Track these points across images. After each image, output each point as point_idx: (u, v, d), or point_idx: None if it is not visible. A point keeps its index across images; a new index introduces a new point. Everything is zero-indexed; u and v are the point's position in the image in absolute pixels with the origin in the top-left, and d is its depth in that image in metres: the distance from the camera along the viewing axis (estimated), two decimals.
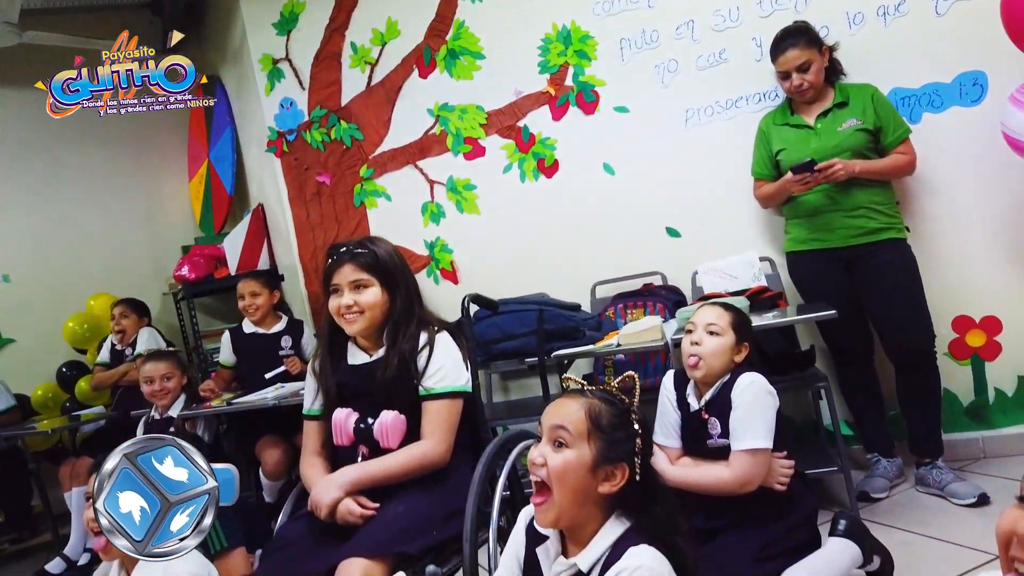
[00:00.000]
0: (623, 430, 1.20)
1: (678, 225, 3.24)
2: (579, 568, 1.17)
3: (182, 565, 1.72)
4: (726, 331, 2.13)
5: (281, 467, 3.12)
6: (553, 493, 1.17)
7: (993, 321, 2.83)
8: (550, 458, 1.18)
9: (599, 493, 1.18)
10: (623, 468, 1.19)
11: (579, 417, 1.20)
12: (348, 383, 1.84)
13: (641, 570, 1.10)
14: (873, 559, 2.04)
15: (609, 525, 1.19)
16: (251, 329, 3.39)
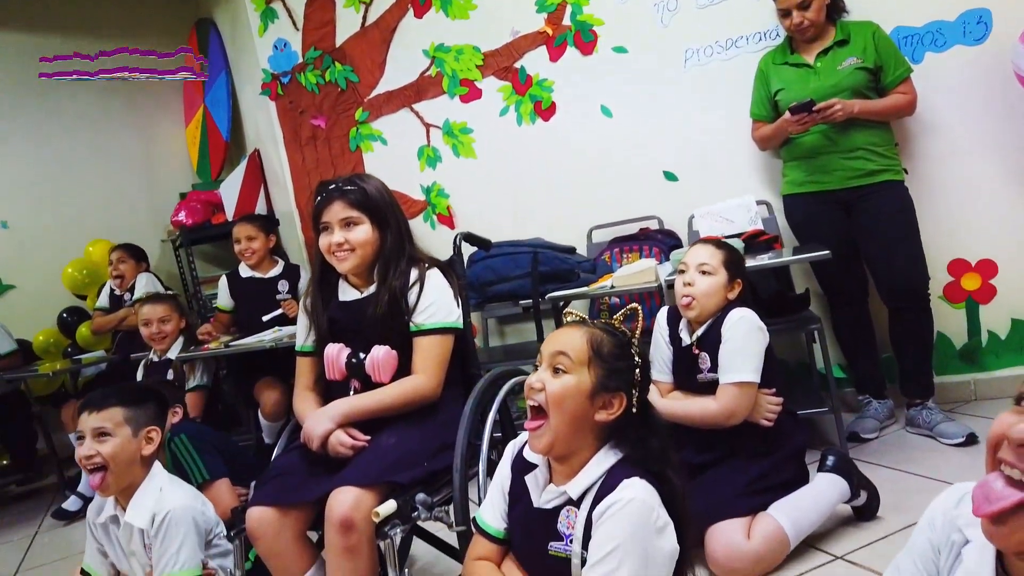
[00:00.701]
0: (624, 360, 1.20)
1: (675, 168, 3.22)
2: (569, 496, 1.17)
3: (174, 496, 1.77)
4: (718, 270, 2.13)
5: (280, 408, 3.16)
6: (550, 418, 1.16)
7: (989, 264, 2.83)
8: (549, 383, 1.18)
9: (595, 421, 1.18)
10: (620, 397, 1.19)
11: (581, 344, 1.19)
12: (339, 319, 1.84)
13: (634, 502, 1.10)
14: (860, 494, 2.08)
15: (602, 454, 1.19)
16: (248, 273, 3.40)
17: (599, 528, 1.11)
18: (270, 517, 1.60)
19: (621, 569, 1.06)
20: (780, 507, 1.98)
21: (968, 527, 0.84)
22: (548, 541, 1.17)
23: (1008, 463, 0.75)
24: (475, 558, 1.28)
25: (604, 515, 1.10)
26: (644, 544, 1.07)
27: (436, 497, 1.64)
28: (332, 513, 1.51)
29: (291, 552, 1.63)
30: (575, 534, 1.14)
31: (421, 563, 2.37)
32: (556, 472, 1.22)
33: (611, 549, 1.07)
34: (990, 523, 0.75)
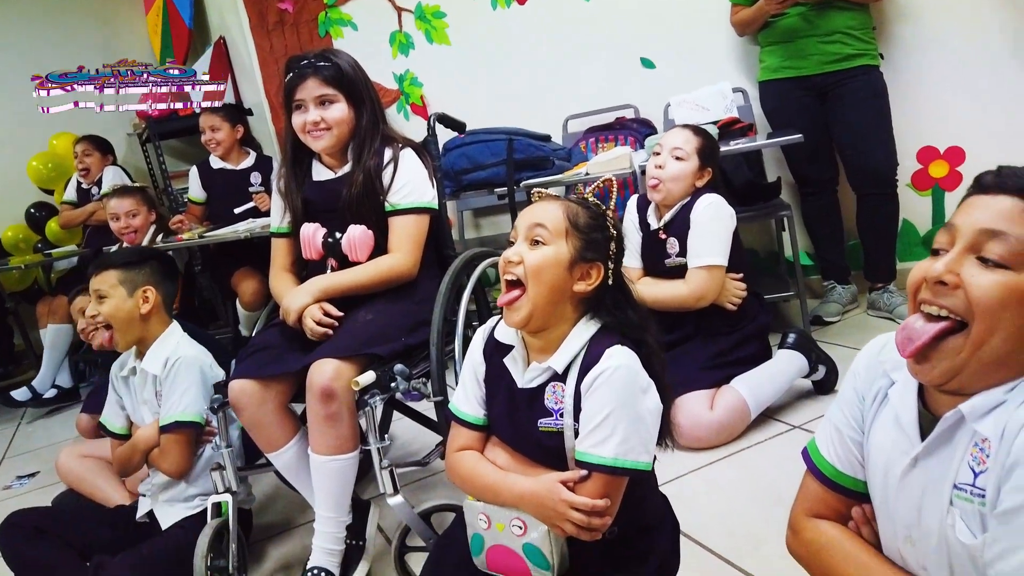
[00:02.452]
0: (600, 231, 1.19)
1: (652, 55, 3.17)
2: (554, 370, 1.18)
3: (188, 348, 1.87)
4: (690, 156, 2.15)
5: (258, 297, 3.18)
6: (528, 290, 1.16)
7: (957, 151, 2.87)
8: (527, 255, 1.16)
9: (573, 292, 1.18)
10: (598, 267, 1.18)
11: (558, 216, 1.18)
12: (314, 199, 1.84)
13: (620, 369, 1.11)
14: (819, 369, 2.18)
15: (581, 325, 1.20)
16: (219, 164, 3.35)
17: (589, 398, 1.13)
18: (252, 389, 1.65)
19: (615, 434, 1.10)
20: (742, 380, 2.08)
21: (893, 371, 0.89)
22: (537, 418, 1.18)
23: (926, 301, 0.80)
24: (456, 449, 1.28)
25: (592, 385, 1.12)
26: (633, 407, 1.11)
27: (414, 371, 1.69)
28: (313, 383, 1.56)
29: (274, 423, 1.68)
30: (565, 407, 1.16)
31: (401, 440, 2.47)
32: (534, 349, 1.23)
33: (604, 416, 1.10)
34: (914, 361, 0.81)
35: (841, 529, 0.94)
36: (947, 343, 0.77)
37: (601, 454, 1.10)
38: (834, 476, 0.96)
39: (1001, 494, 0.71)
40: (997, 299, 0.74)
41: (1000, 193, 0.76)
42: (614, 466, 1.10)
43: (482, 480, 1.23)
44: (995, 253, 0.75)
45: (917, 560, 0.84)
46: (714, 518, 1.70)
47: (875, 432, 0.91)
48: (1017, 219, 0.74)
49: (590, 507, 1.10)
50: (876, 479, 0.90)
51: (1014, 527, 0.69)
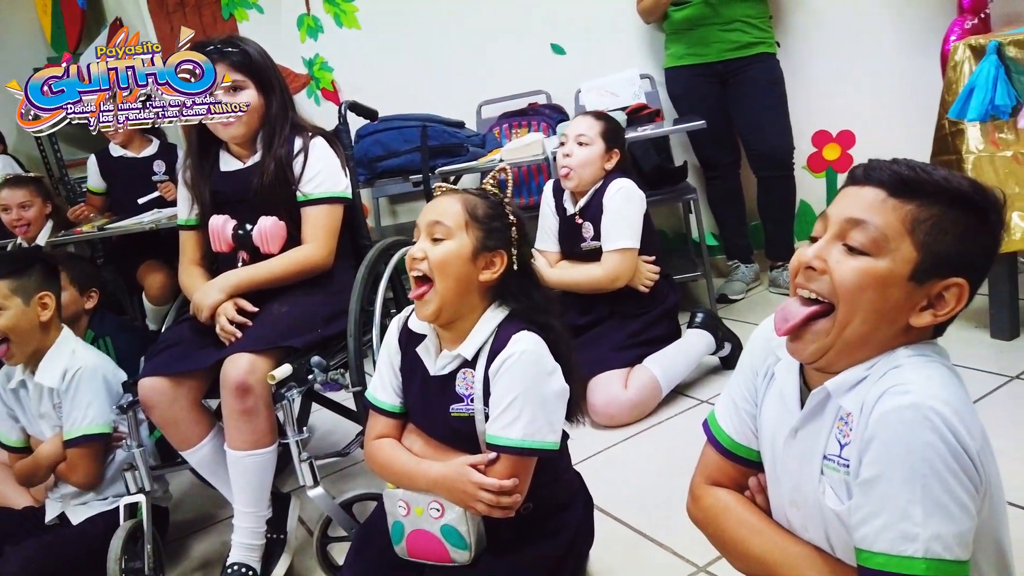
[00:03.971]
0: (499, 220, 1.23)
1: (563, 41, 3.22)
2: (464, 357, 1.22)
3: (87, 355, 1.80)
4: (595, 140, 2.20)
5: (165, 291, 3.07)
6: (435, 284, 1.19)
7: (848, 135, 3.04)
8: (430, 251, 1.19)
9: (479, 282, 1.21)
10: (501, 255, 1.22)
11: (456, 210, 1.21)
12: (222, 190, 1.80)
13: (527, 354, 1.16)
14: (725, 345, 2.29)
15: (490, 313, 1.24)
16: (119, 152, 3.20)
17: (497, 382, 1.18)
18: (163, 386, 1.61)
19: (522, 416, 1.15)
20: (653, 360, 2.16)
21: (780, 348, 0.95)
22: (449, 404, 1.23)
23: (800, 285, 0.87)
24: (375, 437, 1.32)
25: (500, 370, 1.17)
26: (539, 389, 1.17)
27: (332, 362, 1.69)
28: (227, 378, 1.54)
29: (187, 420, 1.65)
30: (475, 392, 1.21)
31: (320, 431, 2.46)
32: (445, 339, 1.26)
33: (511, 400, 1.16)
34: (789, 341, 0.88)
35: (736, 496, 1.01)
36: (817, 324, 0.84)
37: (509, 435, 1.15)
38: (731, 446, 1.02)
39: (862, 465, 0.78)
40: (857, 283, 0.80)
41: (867, 184, 0.83)
42: (521, 447, 1.16)
43: (398, 467, 1.27)
44: (857, 241, 0.81)
45: (801, 523, 0.92)
46: (629, 493, 1.78)
47: (765, 405, 0.98)
48: (878, 208, 0.81)
49: (498, 487, 1.15)
50: (765, 449, 0.97)
51: (873, 495, 0.76)
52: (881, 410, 0.76)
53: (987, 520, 0.78)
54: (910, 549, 0.73)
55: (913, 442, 0.73)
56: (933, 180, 0.80)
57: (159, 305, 3.12)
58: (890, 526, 0.74)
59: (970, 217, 0.80)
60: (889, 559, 0.74)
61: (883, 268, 0.80)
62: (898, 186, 0.81)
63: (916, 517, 0.73)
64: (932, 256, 0.79)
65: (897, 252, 0.80)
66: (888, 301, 0.80)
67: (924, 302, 0.81)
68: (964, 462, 0.73)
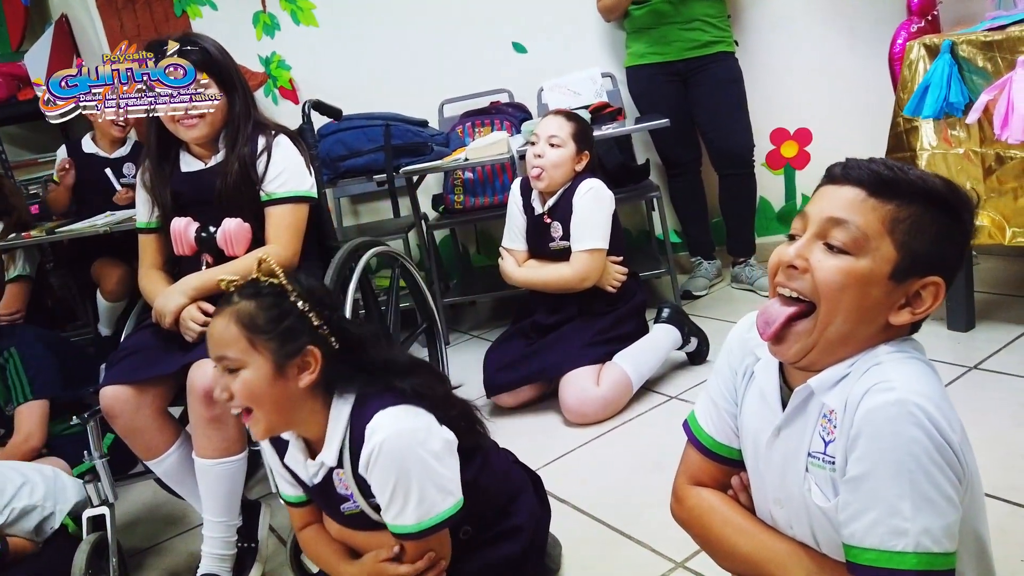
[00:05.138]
0: (287, 317, 1.09)
1: (524, 39, 3.21)
2: (328, 465, 1.14)
3: None
4: (567, 142, 2.21)
5: (121, 287, 2.97)
6: (255, 412, 1.09)
7: (805, 132, 3.09)
8: (233, 386, 1.08)
9: (302, 389, 1.10)
10: (312, 352, 1.10)
11: (233, 333, 1.07)
12: (183, 192, 1.75)
13: (387, 441, 1.07)
14: (691, 341, 2.31)
15: (334, 409, 1.13)
16: (91, 149, 3.06)
17: (371, 479, 1.10)
18: (126, 395, 1.57)
19: (409, 502, 1.09)
20: (623, 356, 2.18)
21: (758, 348, 0.96)
22: (338, 504, 1.18)
23: (781, 284, 0.87)
24: (298, 528, 1.29)
25: (368, 469, 1.10)
26: (415, 468, 1.09)
27: None
28: (194, 385, 1.50)
29: (152, 428, 1.61)
30: (353, 492, 1.15)
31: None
32: (307, 441, 1.18)
33: (391, 493, 1.09)
34: (772, 342, 0.88)
35: (720, 496, 1.02)
36: (799, 325, 0.85)
37: (404, 523, 1.11)
38: (712, 446, 1.03)
39: (848, 462, 0.79)
40: (839, 283, 0.81)
41: (845, 183, 0.84)
42: (420, 530, 1.11)
43: (323, 564, 1.27)
44: (838, 240, 0.82)
45: (785, 520, 0.93)
46: (603, 490, 1.78)
47: (745, 405, 0.98)
48: (858, 208, 0.82)
49: (415, 572, 1.13)
50: (748, 448, 0.98)
51: (861, 492, 0.77)
52: (866, 407, 0.77)
53: (967, 511, 0.80)
54: (900, 544, 0.74)
55: (899, 437, 0.75)
56: (909, 179, 0.82)
57: (114, 301, 3.03)
58: (880, 521, 0.75)
59: (945, 216, 0.82)
60: (880, 554, 0.76)
61: (864, 267, 0.81)
62: (877, 185, 0.82)
63: (905, 512, 0.74)
64: (910, 255, 0.81)
65: (877, 252, 0.81)
66: (869, 300, 0.82)
67: (902, 300, 0.83)
68: (948, 455, 0.75)
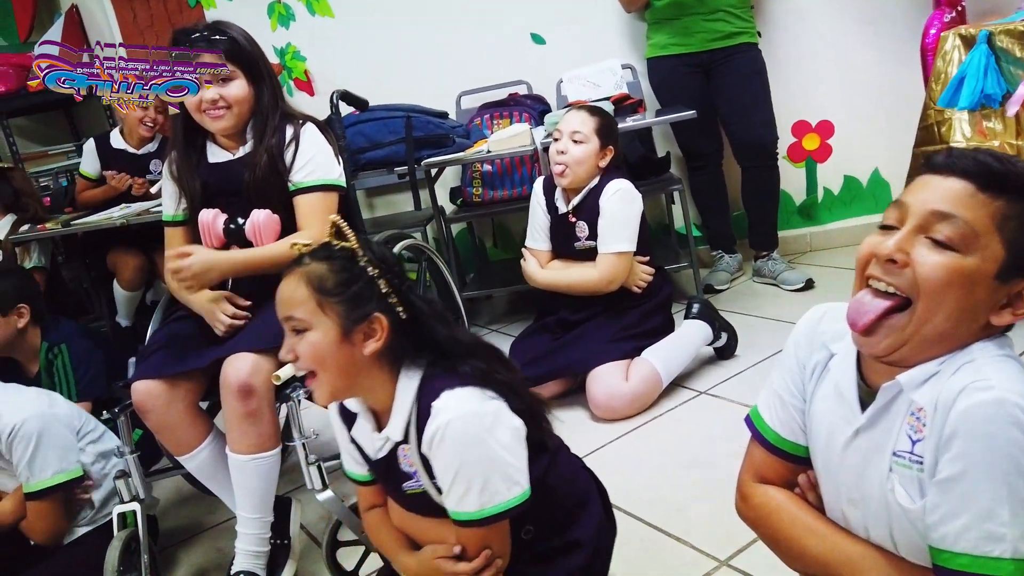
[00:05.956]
0: (357, 281, 1.07)
1: (542, 31, 3.18)
2: (394, 440, 1.12)
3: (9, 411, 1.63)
4: (590, 138, 2.18)
5: (138, 276, 2.97)
6: (317, 375, 1.07)
7: (827, 125, 3.07)
8: (298, 348, 1.06)
9: (368, 356, 1.07)
10: (379, 319, 1.07)
11: (303, 295, 1.06)
12: (211, 183, 1.72)
13: (453, 423, 1.03)
14: (721, 336, 2.29)
15: (401, 382, 1.10)
16: (120, 144, 3.05)
17: (434, 461, 1.07)
18: (158, 390, 1.54)
19: (472, 487, 1.05)
20: (653, 351, 2.15)
21: (832, 342, 0.93)
22: (401, 483, 1.14)
23: (875, 277, 0.84)
24: (365, 509, 1.26)
25: (432, 449, 1.06)
26: (481, 454, 1.05)
27: None
28: (229, 380, 1.48)
29: (184, 424, 1.58)
30: (418, 469, 1.11)
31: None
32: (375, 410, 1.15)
33: (454, 475, 1.05)
34: (861, 335, 0.85)
35: (788, 494, 0.99)
36: (893, 319, 0.82)
37: (466, 510, 1.07)
38: (777, 442, 1.00)
39: (940, 463, 0.76)
40: (943, 280, 0.78)
41: (951, 175, 0.80)
42: (482, 517, 1.07)
43: (385, 550, 1.24)
44: (944, 235, 0.78)
45: (860, 521, 0.90)
46: (638, 487, 1.76)
47: (816, 401, 0.95)
48: (966, 202, 0.78)
49: (472, 570, 1.09)
50: (818, 446, 0.95)
51: (954, 494, 0.74)
52: (962, 406, 0.74)
53: None
54: (997, 550, 0.72)
55: (997, 438, 0.72)
56: (1019, 173, 0.78)
57: (132, 291, 3.03)
58: (974, 526, 0.73)
59: None
60: (974, 560, 0.73)
61: (970, 265, 0.77)
62: (987, 179, 0.78)
63: (1003, 516, 0.71)
64: (1018, 254, 0.78)
65: (986, 249, 0.77)
66: (972, 299, 0.78)
67: (1004, 300, 0.80)
68: None
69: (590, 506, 1.23)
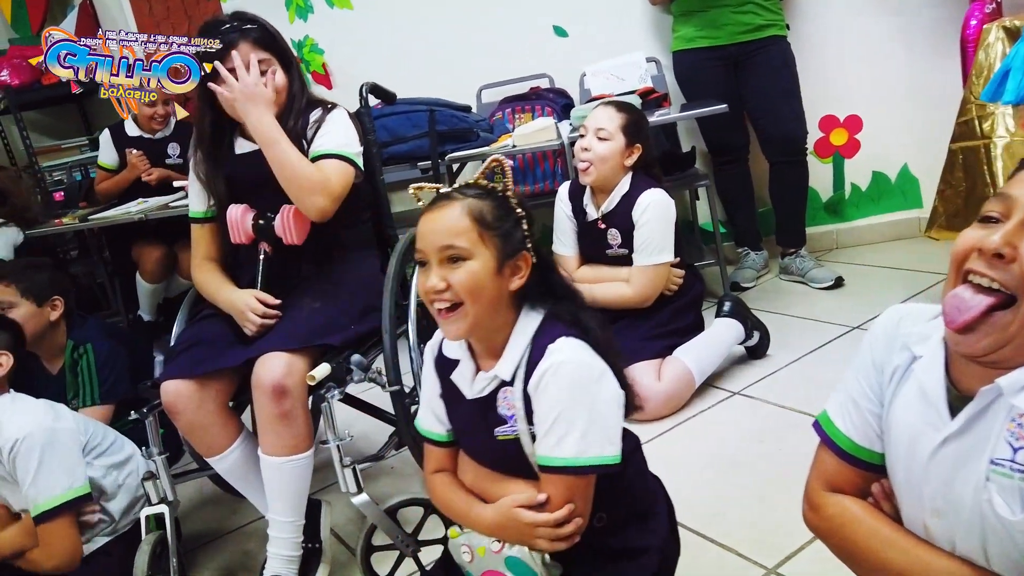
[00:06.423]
0: (509, 218, 1.09)
1: (565, 23, 3.12)
2: (501, 378, 1.10)
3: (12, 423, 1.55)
4: (615, 135, 2.12)
5: (160, 268, 2.98)
6: (466, 305, 1.06)
7: (855, 120, 3.01)
8: (452, 277, 1.05)
9: (510, 292, 1.10)
10: (525, 257, 1.10)
11: (465, 224, 1.05)
12: (238, 176, 1.67)
13: (566, 364, 1.04)
14: (754, 335, 2.24)
15: (521, 324, 1.11)
16: (135, 132, 3.06)
17: (538, 399, 1.06)
18: (189, 390, 1.50)
19: (572, 431, 1.03)
20: (685, 350, 2.10)
21: (915, 345, 0.88)
22: (493, 427, 1.11)
23: (977, 272, 0.79)
24: (431, 471, 1.23)
25: (539, 386, 1.05)
26: (586, 400, 1.04)
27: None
28: (262, 380, 1.44)
29: (215, 424, 1.54)
30: (517, 413, 1.09)
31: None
32: (481, 357, 1.15)
33: (555, 417, 1.03)
34: (958, 333, 0.80)
35: (864, 505, 0.94)
36: (996, 317, 0.77)
37: (560, 455, 1.04)
38: (851, 449, 0.95)
39: None
40: None
41: None
42: (576, 465, 1.04)
43: (454, 511, 1.19)
44: None
45: (945, 533, 0.85)
46: (673, 489, 1.66)
47: (897, 407, 0.90)
48: None
49: (553, 521, 1.05)
50: (899, 453, 0.90)
51: None
52: None
53: None
54: None
55: None
56: None
57: (153, 283, 3.02)
58: None
59: None
60: None
61: None
62: None
63: None
64: None
65: None
66: None
67: None
68: None
69: (659, 514, 1.20)
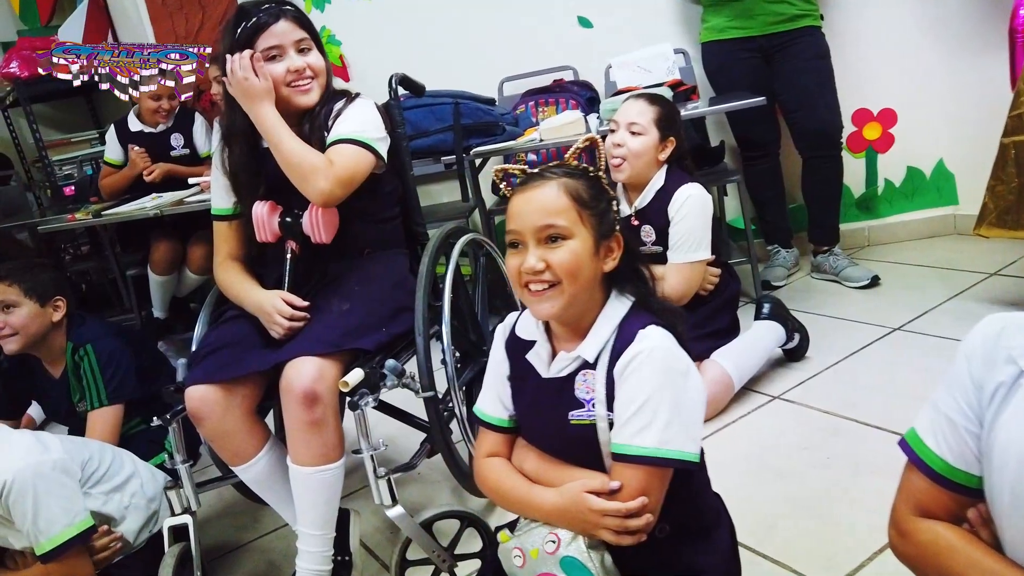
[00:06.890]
0: (603, 199, 1.07)
1: (590, 14, 3.04)
2: (584, 359, 1.07)
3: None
4: (648, 129, 2.05)
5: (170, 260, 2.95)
6: (563, 285, 1.04)
7: (889, 113, 2.92)
8: (552, 257, 1.02)
9: (602, 273, 1.07)
10: (617, 239, 1.08)
11: (563, 201, 1.03)
12: (264, 170, 1.60)
13: (657, 351, 1.00)
14: (794, 337, 2.16)
15: (610, 307, 1.08)
16: (137, 126, 3.06)
17: (624, 384, 1.02)
18: (215, 395, 1.43)
19: (656, 420, 0.99)
20: (723, 354, 2.03)
21: (1022, 358, 0.81)
22: (568, 411, 1.07)
23: None
24: (484, 455, 1.18)
25: (627, 370, 1.01)
26: (673, 391, 1.00)
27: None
28: (292, 386, 1.36)
29: (241, 432, 1.47)
30: (596, 397, 1.04)
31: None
32: (561, 339, 1.11)
33: (641, 404, 0.99)
34: None
35: (959, 531, 0.87)
36: None
37: (641, 443, 0.99)
38: (946, 471, 0.88)
39: None
40: None
41: None
42: (656, 456, 0.99)
43: (510, 495, 1.13)
44: None
45: None
46: None
47: (1003, 426, 0.83)
48: None
49: (624, 511, 1.00)
50: (1006, 476, 0.82)
51: None
52: None
53: None
54: None
55: None
56: None
57: (163, 275, 2.98)
58: None
59: None
60: None
61: None
62: None
63: None
64: None
65: None
66: None
67: None
68: None
69: (722, 531, 1.14)
